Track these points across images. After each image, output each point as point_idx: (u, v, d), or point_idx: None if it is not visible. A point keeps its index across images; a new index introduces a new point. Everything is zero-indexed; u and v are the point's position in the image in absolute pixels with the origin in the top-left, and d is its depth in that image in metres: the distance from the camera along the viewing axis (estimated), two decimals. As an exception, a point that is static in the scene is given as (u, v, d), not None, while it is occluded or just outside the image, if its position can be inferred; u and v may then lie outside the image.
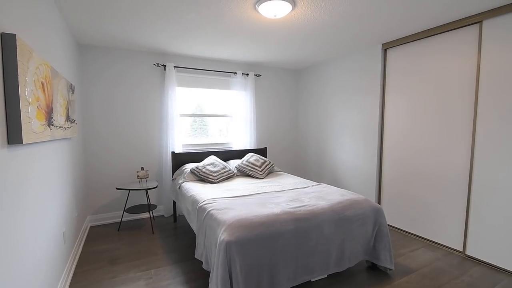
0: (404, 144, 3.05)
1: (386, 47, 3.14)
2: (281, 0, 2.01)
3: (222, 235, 1.65)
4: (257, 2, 2.10)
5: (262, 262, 1.70)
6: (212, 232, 1.84)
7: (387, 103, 3.22)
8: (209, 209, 2.02)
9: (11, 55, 1.18)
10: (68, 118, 2.24)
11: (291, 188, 2.67)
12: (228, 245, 1.58)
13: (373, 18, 2.44)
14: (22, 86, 1.25)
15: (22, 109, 1.25)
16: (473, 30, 2.42)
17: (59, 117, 1.93)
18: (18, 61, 1.21)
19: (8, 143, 1.18)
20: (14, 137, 1.20)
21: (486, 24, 2.31)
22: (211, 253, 1.81)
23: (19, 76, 1.21)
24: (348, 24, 2.58)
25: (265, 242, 1.72)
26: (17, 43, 1.20)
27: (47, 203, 1.73)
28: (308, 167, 4.56)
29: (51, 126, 1.72)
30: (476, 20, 2.35)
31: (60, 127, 1.95)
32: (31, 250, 1.41)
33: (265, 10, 2.15)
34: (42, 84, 1.58)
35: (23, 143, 1.23)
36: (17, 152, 1.27)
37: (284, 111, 4.65)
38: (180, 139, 3.65)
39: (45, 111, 1.60)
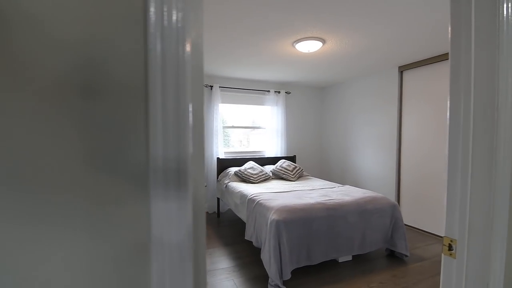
0: (420, 153, 3.49)
1: (402, 69, 3.65)
2: (314, 40, 2.62)
3: (272, 216, 2.23)
4: (294, 41, 2.73)
5: (302, 239, 2.25)
6: (262, 216, 2.42)
7: (404, 116, 3.69)
8: (258, 200, 2.61)
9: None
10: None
11: (320, 188, 3.21)
12: (278, 223, 2.15)
13: (390, 48, 2.98)
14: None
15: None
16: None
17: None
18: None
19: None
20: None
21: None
22: (261, 232, 2.38)
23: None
24: (368, 53, 3.14)
25: (304, 223, 2.27)
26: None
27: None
28: (332, 173, 5.05)
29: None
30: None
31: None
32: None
33: (301, 47, 2.77)
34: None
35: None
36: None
37: (310, 124, 5.22)
38: (223, 147, 4.32)
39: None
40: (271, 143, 4.75)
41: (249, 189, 3.10)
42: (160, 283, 0.43)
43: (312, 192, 2.96)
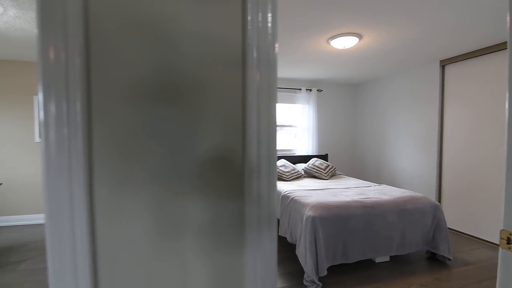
0: (465, 152, 3.28)
1: (444, 64, 3.45)
2: (350, 36, 2.59)
3: (308, 212, 2.24)
4: (330, 38, 2.71)
5: (338, 236, 2.24)
6: (297, 213, 2.44)
7: (446, 113, 3.49)
8: (293, 196, 2.64)
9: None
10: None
11: (355, 186, 3.15)
12: (314, 219, 2.17)
13: (431, 41, 2.84)
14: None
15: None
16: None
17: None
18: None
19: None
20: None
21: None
22: (296, 228, 2.41)
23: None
24: (408, 47, 3.02)
25: (340, 220, 2.25)
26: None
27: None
28: (366, 172, 4.91)
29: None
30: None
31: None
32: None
33: (336, 43, 2.75)
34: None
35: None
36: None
37: (343, 121, 5.12)
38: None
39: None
40: (302, 141, 4.73)
41: (282, 187, 3.14)
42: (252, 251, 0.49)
43: (347, 190, 2.92)
